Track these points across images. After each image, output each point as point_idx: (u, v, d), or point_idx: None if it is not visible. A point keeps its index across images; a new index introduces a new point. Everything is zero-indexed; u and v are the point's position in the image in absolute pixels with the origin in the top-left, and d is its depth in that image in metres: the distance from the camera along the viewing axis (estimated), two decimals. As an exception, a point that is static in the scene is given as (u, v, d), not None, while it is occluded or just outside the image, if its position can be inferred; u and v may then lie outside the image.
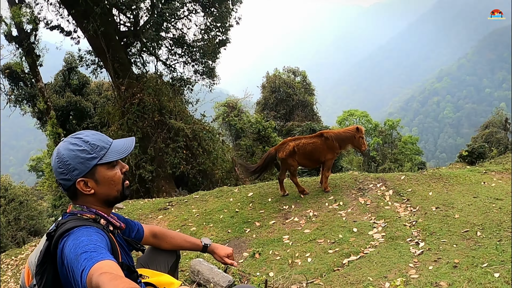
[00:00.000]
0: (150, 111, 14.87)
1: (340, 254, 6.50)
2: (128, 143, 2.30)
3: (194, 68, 17.91)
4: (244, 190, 10.30)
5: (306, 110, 32.10)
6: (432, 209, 7.83)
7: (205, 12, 16.43)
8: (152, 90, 14.94)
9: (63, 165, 2.11)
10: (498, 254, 5.33)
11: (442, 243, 6.29)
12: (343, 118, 39.57)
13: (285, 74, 33.59)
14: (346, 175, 10.49)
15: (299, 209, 8.80)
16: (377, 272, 5.46)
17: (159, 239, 2.87)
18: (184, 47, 17.40)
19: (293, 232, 7.78)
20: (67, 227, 1.99)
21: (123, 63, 15.24)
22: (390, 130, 38.17)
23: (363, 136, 9.56)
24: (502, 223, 6.62)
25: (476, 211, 7.38)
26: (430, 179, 9.71)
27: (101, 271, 1.65)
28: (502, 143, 36.82)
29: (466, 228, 6.70)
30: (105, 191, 2.20)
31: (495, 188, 8.91)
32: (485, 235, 6.29)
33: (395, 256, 6.03)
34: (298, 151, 9.16)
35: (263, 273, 5.54)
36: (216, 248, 3.01)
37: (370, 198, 8.85)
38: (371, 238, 7.01)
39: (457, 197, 8.38)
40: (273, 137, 24.30)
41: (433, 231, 6.81)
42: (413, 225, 7.29)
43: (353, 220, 7.90)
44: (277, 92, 31.67)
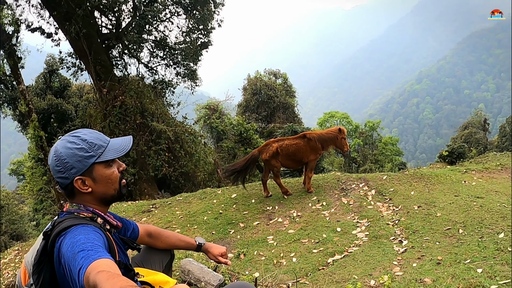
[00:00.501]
0: (132, 113, 14.78)
1: (324, 253, 6.53)
2: (125, 142, 2.29)
3: (176, 71, 17.87)
4: (227, 192, 10.30)
5: (287, 112, 32.18)
6: (414, 208, 7.92)
7: (187, 14, 16.37)
8: (134, 93, 14.86)
9: (60, 163, 2.10)
10: (480, 251, 5.42)
11: (425, 241, 6.37)
12: (324, 119, 39.73)
13: (266, 77, 33.63)
14: (329, 176, 10.54)
15: (282, 210, 8.82)
16: (362, 270, 5.50)
17: (154, 238, 2.87)
18: (166, 50, 17.35)
19: (277, 233, 7.80)
20: (64, 225, 1.98)
21: (105, 65, 15.13)
22: (370, 131, 38.44)
23: (345, 137, 9.65)
24: (483, 220, 6.73)
25: (457, 209, 7.48)
26: (411, 178, 9.82)
27: (98, 269, 1.64)
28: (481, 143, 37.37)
29: (448, 226, 6.79)
30: (102, 189, 2.19)
31: (476, 187, 9.06)
32: (467, 233, 6.39)
33: (379, 254, 6.09)
34: (282, 152, 9.19)
35: (249, 274, 5.55)
36: (210, 247, 3.02)
37: (353, 198, 8.92)
38: (355, 237, 7.06)
39: (438, 196, 8.48)
40: (254, 139, 24.33)
41: (416, 230, 6.90)
42: (396, 224, 7.36)
43: (337, 220, 7.94)
44: (258, 94, 31.68)
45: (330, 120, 39.69)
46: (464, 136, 38.76)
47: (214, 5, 16.40)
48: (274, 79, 33.90)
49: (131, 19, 15.39)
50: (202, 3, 15.66)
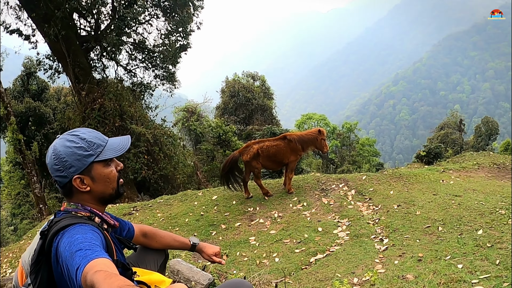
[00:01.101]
0: (111, 116, 14.66)
1: (306, 253, 6.58)
2: (123, 141, 2.29)
3: (154, 73, 17.78)
4: (208, 194, 10.30)
5: (265, 114, 32.21)
6: (394, 207, 8.02)
7: (166, 17, 16.32)
8: (113, 95, 14.74)
9: (59, 162, 2.09)
10: (460, 247, 5.51)
11: (405, 239, 6.46)
12: (301, 121, 39.81)
13: (244, 79, 33.63)
14: (309, 177, 10.62)
15: (264, 211, 8.86)
16: (345, 269, 5.56)
17: (149, 238, 2.87)
18: (144, 52, 17.25)
19: (259, 233, 7.83)
20: (61, 225, 1.97)
21: (83, 68, 14.99)
22: (348, 132, 38.61)
23: (325, 138, 9.73)
24: (462, 218, 6.84)
25: (436, 208, 7.59)
26: (390, 178, 9.95)
27: (95, 269, 1.64)
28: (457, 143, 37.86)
29: (427, 224, 6.89)
30: (100, 188, 2.19)
31: (454, 186, 9.21)
32: (446, 230, 6.49)
33: (360, 253, 6.16)
34: (262, 153, 9.23)
35: (236, 273, 5.57)
36: (204, 247, 3.03)
37: (333, 198, 9.00)
38: (336, 236, 7.13)
39: (417, 195, 8.61)
40: (233, 141, 24.32)
41: (396, 228, 6.99)
42: (376, 223, 7.44)
43: (318, 219, 8.00)
44: (236, 97, 31.68)
45: (307, 122, 39.79)
46: (440, 137, 39.22)
47: (193, 8, 16.37)
48: (252, 81, 33.92)
49: (110, 21, 15.29)
50: (182, 6, 15.61)
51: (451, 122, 42.31)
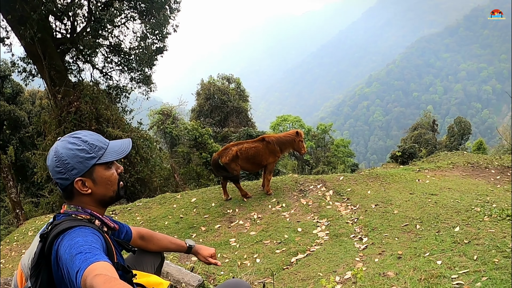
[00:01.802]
0: (87, 119, 14.50)
1: (287, 253, 6.64)
2: (125, 144, 2.31)
3: (130, 76, 17.65)
4: (187, 196, 10.29)
5: (241, 116, 32.26)
6: (371, 206, 8.14)
7: (142, 19, 16.22)
8: (89, 98, 14.57)
9: (61, 164, 2.09)
10: (438, 244, 5.63)
11: (384, 237, 6.56)
12: (276, 123, 39.85)
13: (219, 81, 33.62)
14: (287, 178, 10.69)
15: (243, 212, 8.89)
16: (326, 268, 5.63)
17: (146, 241, 2.87)
18: (120, 55, 17.11)
19: (239, 235, 7.86)
20: (62, 227, 1.96)
21: (59, 70, 14.79)
22: (322, 134, 38.73)
23: (303, 140, 9.79)
24: (439, 216, 6.97)
25: (413, 206, 7.73)
26: (367, 178, 10.08)
27: (95, 272, 1.64)
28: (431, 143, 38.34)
29: (405, 222, 7.01)
30: (102, 191, 2.19)
31: (429, 185, 9.37)
32: (424, 228, 6.61)
33: (341, 252, 6.24)
34: (241, 155, 9.26)
35: (224, 274, 5.59)
36: (200, 249, 3.05)
37: (312, 198, 9.08)
38: (316, 236, 7.20)
39: (394, 194, 8.74)
40: (209, 143, 24.29)
41: (375, 227, 7.09)
42: (355, 222, 7.54)
43: (297, 220, 8.08)
44: (211, 99, 31.67)
45: (282, 124, 39.83)
46: (414, 137, 39.62)
47: (170, 10, 16.29)
48: (227, 84, 33.93)
49: (86, 24, 15.14)
50: (158, 8, 15.53)
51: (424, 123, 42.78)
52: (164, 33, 16.58)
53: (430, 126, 41.79)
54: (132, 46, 16.97)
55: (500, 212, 6.63)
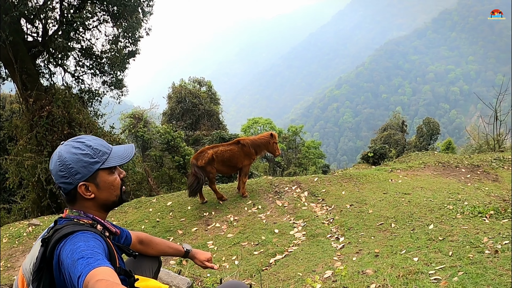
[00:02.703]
0: (60, 124, 14.27)
1: (265, 254, 6.68)
2: (128, 149, 2.34)
3: (102, 79, 17.46)
4: (162, 200, 10.27)
5: (212, 119, 32.23)
6: (346, 206, 8.27)
7: (114, 22, 16.06)
8: (61, 103, 14.33)
9: (65, 169, 2.10)
10: (414, 241, 5.76)
11: (360, 236, 6.68)
12: (247, 125, 39.90)
13: (191, 84, 33.58)
14: (262, 180, 10.77)
15: (219, 215, 8.92)
16: (305, 268, 5.69)
17: (145, 245, 2.89)
18: (92, 58, 16.91)
19: (216, 238, 7.89)
20: (64, 232, 1.98)
21: (31, 74, 14.51)
22: (293, 136, 38.87)
23: (277, 142, 9.89)
24: (413, 214, 7.13)
25: (387, 206, 7.88)
26: (341, 179, 10.23)
27: (97, 277, 1.66)
28: (400, 143, 38.92)
29: (380, 221, 7.15)
30: (105, 196, 2.21)
31: (402, 184, 9.56)
32: (399, 226, 6.75)
33: (318, 252, 6.32)
34: (217, 158, 9.30)
35: (211, 276, 5.61)
36: (197, 253, 3.08)
37: (287, 200, 9.18)
38: (293, 237, 7.28)
39: (368, 194, 8.90)
40: (182, 146, 24.21)
41: (351, 226, 7.21)
42: (331, 222, 7.65)
43: (273, 222, 8.15)
44: (183, 102, 31.56)
45: (254, 126, 39.90)
46: (383, 138, 40.12)
47: (142, 14, 16.18)
48: (198, 87, 33.91)
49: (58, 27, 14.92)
50: (131, 12, 15.40)
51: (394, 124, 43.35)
52: (137, 36, 16.43)
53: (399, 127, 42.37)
54: (104, 49, 16.80)
55: (472, 210, 6.83)
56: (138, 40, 16.72)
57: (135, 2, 15.57)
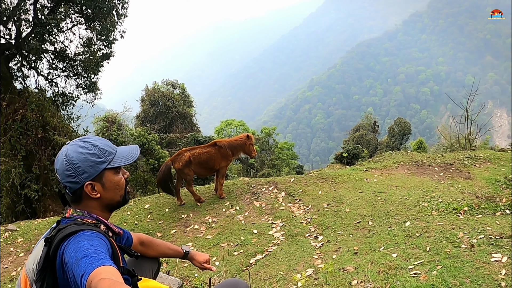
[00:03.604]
0: (34, 127, 14.08)
1: (245, 254, 6.73)
2: (133, 150, 2.34)
3: (76, 82, 17.25)
4: (140, 203, 10.22)
5: (186, 121, 32.12)
6: (324, 206, 8.39)
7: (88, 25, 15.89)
8: (35, 106, 14.14)
9: (72, 168, 2.10)
10: (391, 238, 5.89)
11: (339, 235, 6.79)
12: (221, 127, 39.87)
13: (164, 87, 33.40)
14: (238, 181, 10.83)
15: (197, 217, 8.93)
16: (286, 266, 5.75)
17: (146, 246, 2.90)
18: (65, 61, 16.70)
19: (195, 239, 7.89)
20: (68, 231, 1.98)
21: (4, 77, 14.25)
22: (266, 137, 38.95)
23: (253, 143, 9.97)
24: (389, 212, 7.28)
25: (364, 204, 8.02)
26: (317, 179, 10.35)
27: (100, 276, 1.66)
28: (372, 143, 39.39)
29: (358, 219, 7.28)
30: (110, 195, 2.22)
31: (377, 183, 9.75)
32: (376, 224, 6.89)
33: (298, 251, 6.40)
34: (194, 160, 9.32)
35: (199, 276, 5.63)
36: (195, 254, 3.11)
37: (265, 201, 9.24)
38: (272, 237, 7.34)
39: (344, 194, 9.04)
40: (156, 149, 24.08)
41: (329, 225, 7.32)
42: (309, 221, 7.75)
43: (252, 222, 8.19)
44: (156, 105, 31.38)
45: (227, 128, 39.89)
46: (356, 138, 40.55)
47: (117, 16, 16.06)
48: (171, 89, 33.73)
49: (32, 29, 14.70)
50: (105, 14, 15.28)
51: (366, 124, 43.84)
52: (111, 39, 16.29)
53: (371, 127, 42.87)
54: (78, 51, 16.60)
55: (446, 206, 7.01)
56: (113, 42, 16.57)
57: (110, 4, 15.46)
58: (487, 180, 10.75)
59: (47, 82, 16.90)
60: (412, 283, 4.06)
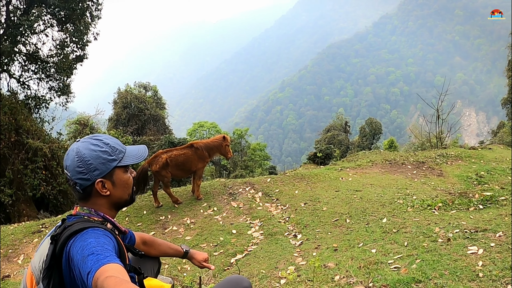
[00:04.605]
0: (6, 131, 13.87)
1: (226, 254, 6.78)
2: (141, 149, 2.36)
3: (49, 85, 17.02)
4: (117, 205, 10.18)
5: (158, 124, 31.97)
6: (301, 205, 8.51)
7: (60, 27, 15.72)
8: (8, 109, 13.95)
9: (83, 165, 2.11)
10: (369, 235, 6.03)
11: (317, 233, 6.91)
12: (193, 129, 39.70)
13: (136, 89, 33.21)
14: (215, 182, 10.88)
15: (176, 218, 8.95)
16: (267, 265, 5.82)
17: (148, 246, 2.92)
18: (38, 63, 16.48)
19: (174, 241, 7.89)
20: (74, 229, 1.99)
21: (-24, 80, 14.17)
22: (239, 139, 38.94)
23: (229, 144, 10.04)
24: (366, 209, 7.44)
25: (341, 203, 8.17)
26: (293, 179, 10.47)
27: (106, 274, 1.66)
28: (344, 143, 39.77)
29: (335, 217, 7.41)
30: (119, 193, 2.24)
31: (353, 182, 9.92)
32: (354, 221, 7.03)
33: (278, 249, 6.48)
34: (171, 162, 9.33)
35: (187, 275, 5.66)
36: (194, 253, 3.14)
37: (242, 201, 9.32)
38: (251, 237, 7.42)
39: (321, 193, 9.18)
40: (130, 152, 23.96)
41: (307, 224, 7.43)
42: (287, 221, 7.85)
43: (230, 222, 8.26)
44: (129, 108, 31.14)
45: (199, 130, 39.79)
46: (327, 139, 40.86)
47: (91, 18, 15.92)
48: (144, 91, 33.56)
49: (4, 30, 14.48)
50: (79, 16, 15.13)
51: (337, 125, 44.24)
52: (85, 41, 16.15)
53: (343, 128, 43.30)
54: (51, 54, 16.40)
55: (421, 203, 7.21)
56: (86, 44, 16.42)
57: (83, 6, 15.34)
58: (459, 177, 11.03)
59: (19, 84, 16.68)
60: (394, 276, 4.17)
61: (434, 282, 3.94)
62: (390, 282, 4.06)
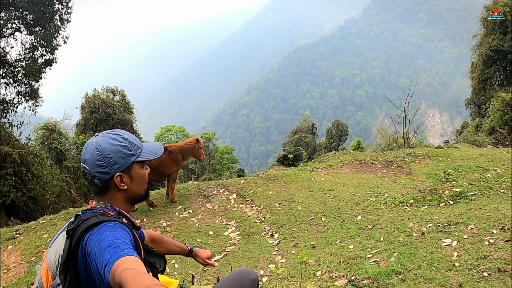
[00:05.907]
0: (-27, 136, 13.74)
1: (204, 255, 6.85)
2: (157, 146, 2.40)
3: (16, 90, 16.76)
4: (91, 210, 10.12)
5: (126, 128, 31.66)
6: (276, 205, 8.64)
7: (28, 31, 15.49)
8: (-24, 114, 13.83)
9: (103, 158, 2.14)
10: (346, 232, 6.22)
11: (294, 232, 7.06)
12: (161, 134, 39.62)
13: (104, 94, 32.90)
14: (189, 185, 10.93)
15: (151, 221, 8.97)
16: (247, 264, 5.93)
17: (156, 243, 2.94)
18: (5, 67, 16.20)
19: (151, 243, 7.93)
20: (91, 222, 2.01)
21: None
22: (207, 142, 39.03)
23: (202, 147, 10.12)
24: (340, 208, 7.64)
25: (315, 202, 8.35)
26: (267, 180, 10.61)
27: (124, 266, 1.67)
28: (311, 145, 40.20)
29: (311, 216, 7.58)
30: (136, 188, 2.28)
31: (325, 182, 10.12)
32: (329, 219, 7.21)
33: (256, 249, 6.60)
34: (145, 166, 9.34)
35: (177, 275, 5.71)
36: (198, 251, 3.19)
37: (217, 203, 9.41)
38: (228, 237, 7.51)
39: (295, 193, 9.34)
40: (100, 157, 23.76)
41: (283, 223, 7.58)
42: (263, 221, 7.97)
43: (206, 224, 8.34)
44: (96, 112, 30.83)
45: (167, 134, 39.71)
46: (294, 141, 41.25)
47: (60, 21, 15.72)
48: (112, 96, 33.28)
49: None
50: (48, 19, 14.94)
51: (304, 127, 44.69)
52: (54, 44, 15.94)
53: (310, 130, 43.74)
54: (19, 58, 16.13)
55: (393, 200, 7.45)
56: (56, 48, 16.21)
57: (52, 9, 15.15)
58: (428, 175, 11.36)
59: (-15, 89, 16.37)
60: (374, 269, 4.34)
61: (413, 273, 4.13)
62: (371, 274, 4.23)
